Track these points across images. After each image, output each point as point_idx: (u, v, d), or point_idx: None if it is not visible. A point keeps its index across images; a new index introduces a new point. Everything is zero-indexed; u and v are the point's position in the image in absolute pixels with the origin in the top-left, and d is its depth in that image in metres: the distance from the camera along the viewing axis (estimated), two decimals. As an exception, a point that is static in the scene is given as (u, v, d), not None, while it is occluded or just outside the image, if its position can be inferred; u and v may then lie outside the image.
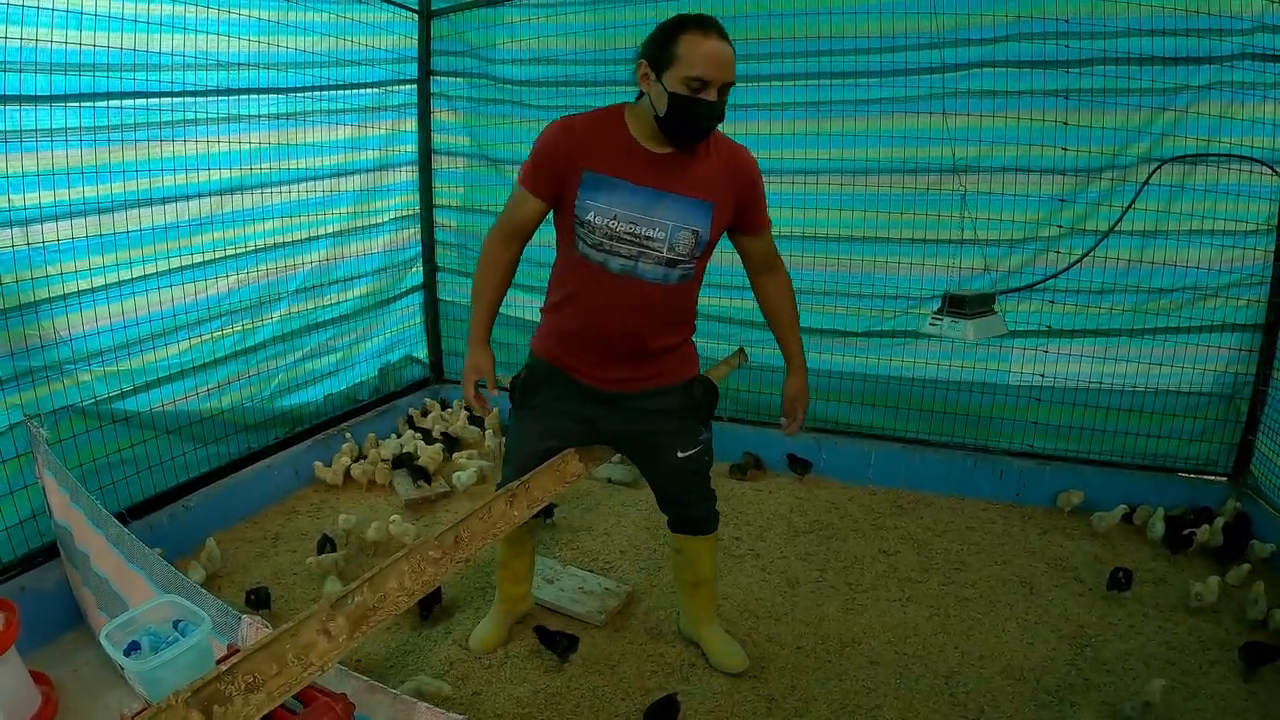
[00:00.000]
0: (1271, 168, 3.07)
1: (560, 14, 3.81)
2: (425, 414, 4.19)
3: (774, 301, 2.25)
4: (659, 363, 2.11)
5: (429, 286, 4.43)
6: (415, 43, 3.98)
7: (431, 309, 4.47)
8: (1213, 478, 3.39)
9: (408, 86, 4.03)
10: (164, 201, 2.98)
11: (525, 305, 3.93)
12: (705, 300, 2.34)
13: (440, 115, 4.22)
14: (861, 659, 2.45)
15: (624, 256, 1.92)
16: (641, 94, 1.89)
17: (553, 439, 2.18)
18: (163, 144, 2.94)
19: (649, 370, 2.11)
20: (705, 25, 1.80)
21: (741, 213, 2.03)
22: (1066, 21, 3.15)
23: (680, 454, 2.21)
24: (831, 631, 2.59)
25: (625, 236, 1.90)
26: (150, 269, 2.96)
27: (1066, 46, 3.18)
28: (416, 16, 3.92)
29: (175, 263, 3.06)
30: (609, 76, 3.81)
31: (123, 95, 2.78)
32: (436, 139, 4.25)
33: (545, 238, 2.10)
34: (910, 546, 3.14)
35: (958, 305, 2.51)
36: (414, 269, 4.37)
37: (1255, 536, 3.04)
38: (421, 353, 4.50)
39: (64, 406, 2.65)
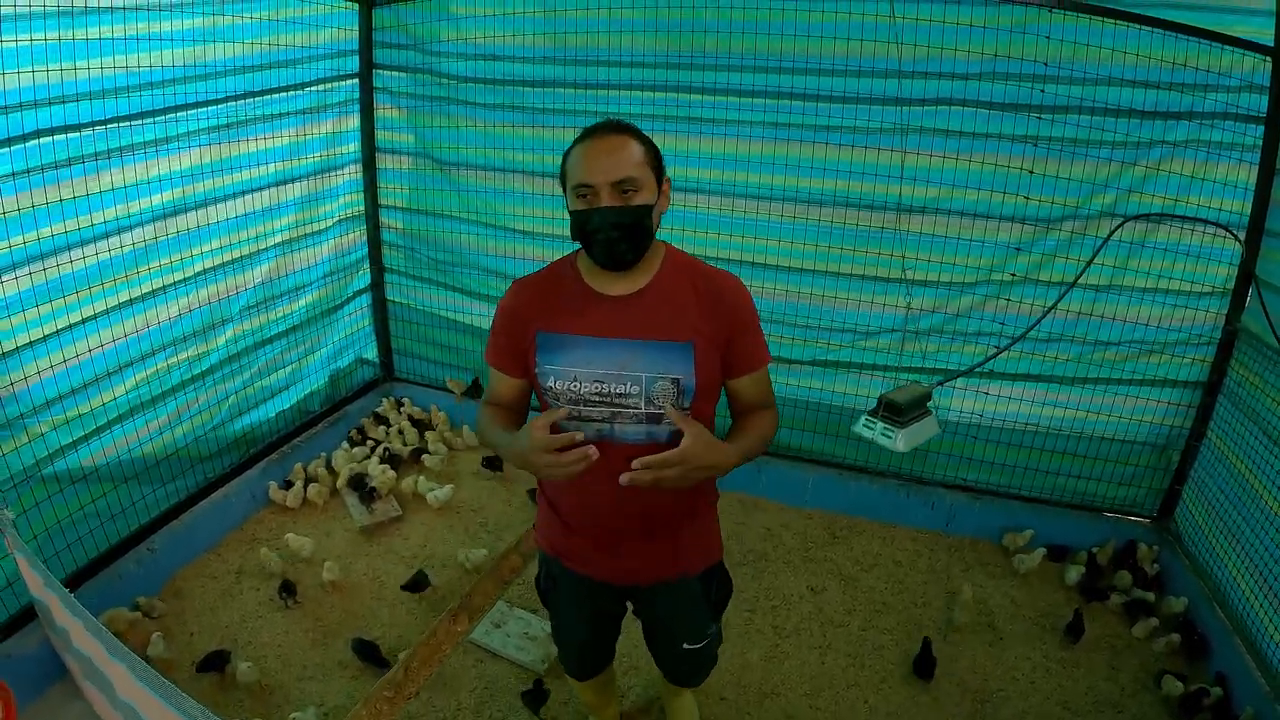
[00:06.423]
0: (1233, 233, 3.21)
1: (508, 7, 3.75)
2: (378, 423, 4.42)
3: (750, 420, 1.86)
4: (676, 539, 1.94)
5: (377, 286, 4.56)
6: (355, 35, 3.95)
7: (380, 309, 4.61)
8: (1137, 519, 3.78)
9: (349, 82, 4.03)
10: (99, 238, 3.03)
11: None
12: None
13: (383, 111, 4.21)
14: (779, 712, 2.89)
15: (596, 420, 1.72)
16: None
17: (583, 633, 2.25)
18: (88, 178, 2.94)
19: (665, 551, 1.95)
20: (592, 129, 1.66)
21: (730, 347, 1.76)
22: (1045, 65, 3.18)
23: (686, 646, 2.19)
24: (753, 681, 3.02)
25: (594, 399, 1.70)
26: (91, 310, 3.06)
27: (1042, 91, 3.23)
28: (357, 5, 3.88)
29: (117, 300, 3.15)
30: (558, 76, 3.81)
31: (40, 134, 2.75)
32: (380, 136, 4.26)
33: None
34: (838, 583, 3.57)
35: (893, 411, 2.61)
36: (361, 271, 4.49)
37: (1169, 591, 3.42)
38: (371, 353, 4.69)
39: (23, 479, 2.85)
